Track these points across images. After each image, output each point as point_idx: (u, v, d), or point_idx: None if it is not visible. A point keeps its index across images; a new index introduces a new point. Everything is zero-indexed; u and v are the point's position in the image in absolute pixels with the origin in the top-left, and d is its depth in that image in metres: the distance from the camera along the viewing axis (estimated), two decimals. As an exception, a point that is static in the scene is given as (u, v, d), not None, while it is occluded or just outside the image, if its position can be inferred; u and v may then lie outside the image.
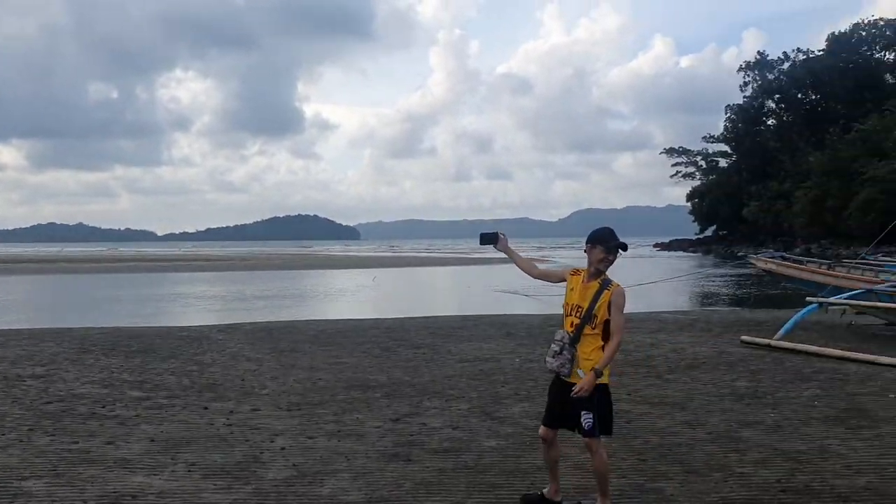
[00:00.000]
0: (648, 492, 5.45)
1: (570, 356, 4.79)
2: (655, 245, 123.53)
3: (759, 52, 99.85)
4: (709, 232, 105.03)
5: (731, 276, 42.15)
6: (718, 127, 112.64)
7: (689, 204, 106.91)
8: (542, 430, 5.08)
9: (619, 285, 4.76)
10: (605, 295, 4.71)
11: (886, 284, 13.00)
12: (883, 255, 24.10)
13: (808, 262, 16.61)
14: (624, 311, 4.78)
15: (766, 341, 12.30)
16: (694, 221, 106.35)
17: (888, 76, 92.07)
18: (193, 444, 6.88)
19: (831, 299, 12.86)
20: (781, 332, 12.49)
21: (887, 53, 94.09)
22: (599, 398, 4.77)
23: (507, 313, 20.25)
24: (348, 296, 32.34)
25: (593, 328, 4.74)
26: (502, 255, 5.37)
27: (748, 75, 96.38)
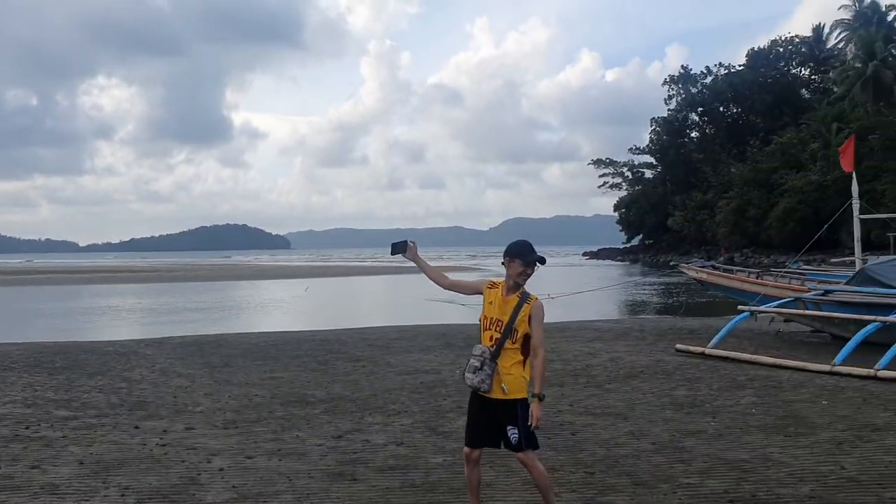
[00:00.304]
0: (599, 506, 5.40)
1: (490, 371, 4.66)
2: (584, 254, 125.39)
3: (682, 66, 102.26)
4: (635, 241, 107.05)
5: (659, 284, 43.00)
6: (643, 139, 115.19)
7: (616, 214, 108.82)
8: (465, 449, 4.97)
9: (537, 298, 4.72)
10: (526, 308, 4.64)
11: (813, 293, 13.37)
12: (804, 265, 24.85)
13: (737, 271, 16.99)
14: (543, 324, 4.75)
15: (701, 349, 12.48)
16: (621, 231, 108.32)
17: (804, 91, 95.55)
18: (126, 466, 6.57)
19: (762, 308, 13.15)
20: (715, 340, 12.70)
21: (803, 69, 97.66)
22: (522, 413, 4.68)
23: (444, 323, 20.17)
24: (280, 307, 31.81)
25: (514, 342, 4.64)
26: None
27: (672, 89, 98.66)
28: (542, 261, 4.72)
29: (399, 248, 5.18)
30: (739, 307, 13.47)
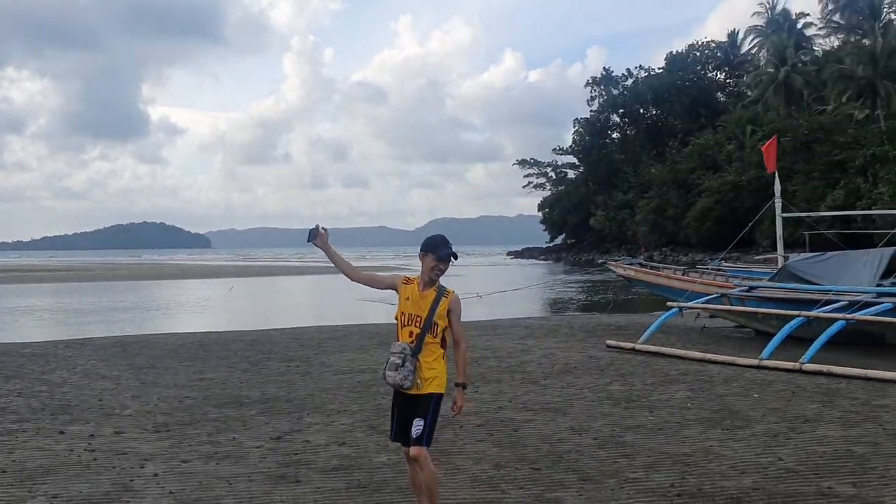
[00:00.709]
0: (548, 502, 5.37)
1: (412, 367, 4.63)
2: (509, 253, 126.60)
3: (604, 68, 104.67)
4: (559, 240, 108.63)
5: (584, 282, 43.67)
6: (565, 139, 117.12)
7: (539, 213, 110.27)
8: (403, 449, 4.87)
9: (453, 292, 4.73)
10: (444, 303, 4.65)
11: (738, 289, 13.72)
12: (724, 262, 25.57)
13: (663, 268, 17.34)
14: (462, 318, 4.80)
15: (631, 345, 12.67)
16: (545, 230, 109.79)
17: (719, 94, 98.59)
18: (53, 473, 6.24)
19: (691, 304, 13.44)
20: (645, 335, 12.91)
21: (718, 73, 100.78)
22: (436, 407, 4.67)
23: (377, 322, 19.98)
24: (205, 307, 31.02)
25: (434, 337, 4.65)
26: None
27: (595, 90, 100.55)
28: (455, 256, 4.70)
29: (312, 234, 4.96)
30: (668, 303, 13.73)
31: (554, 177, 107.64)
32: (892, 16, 78.42)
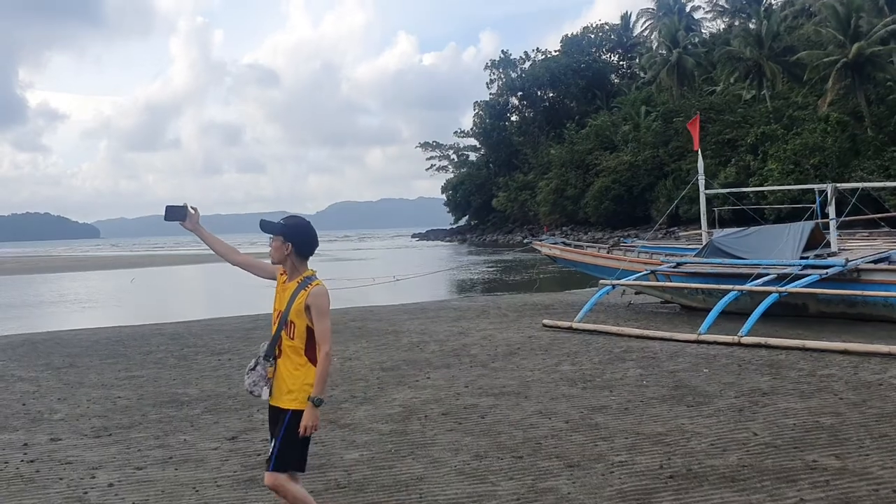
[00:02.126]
0: (544, 492, 5.17)
1: (263, 372, 3.97)
2: (413, 235, 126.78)
3: (502, 51, 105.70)
4: (462, 221, 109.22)
5: (497, 262, 43.92)
6: (462, 122, 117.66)
7: (441, 196, 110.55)
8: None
9: (320, 283, 3.95)
10: (302, 296, 3.91)
11: (666, 265, 13.92)
12: (633, 239, 26.06)
13: (587, 246, 17.47)
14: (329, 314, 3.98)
15: (568, 324, 12.65)
16: (449, 212, 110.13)
17: (613, 76, 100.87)
18: (-8, 491, 5.62)
19: (623, 281, 13.54)
20: (580, 314, 12.92)
21: (612, 56, 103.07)
22: (292, 426, 3.88)
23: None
24: (109, 300, 29.56)
25: (291, 338, 3.94)
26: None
27: (493, 73, 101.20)
28: (264, 226, 4.08)
29: (176, 213, 4.24)
30: (601, 281, 13.79)
31: (456, 159, 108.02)
32: (772, 0, 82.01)
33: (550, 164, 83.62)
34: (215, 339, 13.72)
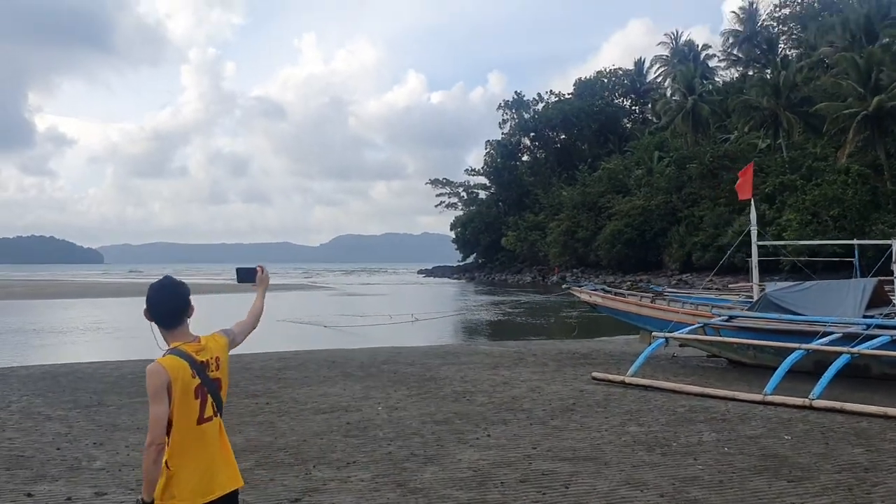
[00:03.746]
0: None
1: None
2: (420, 271, 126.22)
3: (516, 92, 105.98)
4: (470, 259, 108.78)
5: (513, 303, 43.31)
6: (467, 160, 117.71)
7: (448, 232, 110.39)
8: None
9: (159, 360, 3.40)
10: None
11: (718, 319, 13.36)
12: (670, 288, 25.52)
13: (628, 294, 16.91)
14: (169, 395, 3.35)
15: (620, 378, 12.06)
16: (456, 249, 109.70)
17: (626, 121, 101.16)
18: (43, 558, 5.04)
19: (677, 334, 12.95)
20: (634, 368, 12.33)
21: (625, 100, 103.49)
22: None
23: (324, 348, 18.88)
24: (123, 329, 28.90)
25: None
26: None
27: (506, 113, 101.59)
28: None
29: (248, 275, 4.09)
30: (654, 334, 13.21)
31: (465, 197, 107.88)
32: (788, 51, 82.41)
33: (562, 205, 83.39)
34: (246, 379, 13.12)
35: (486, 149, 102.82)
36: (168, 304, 3.49)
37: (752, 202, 15.10)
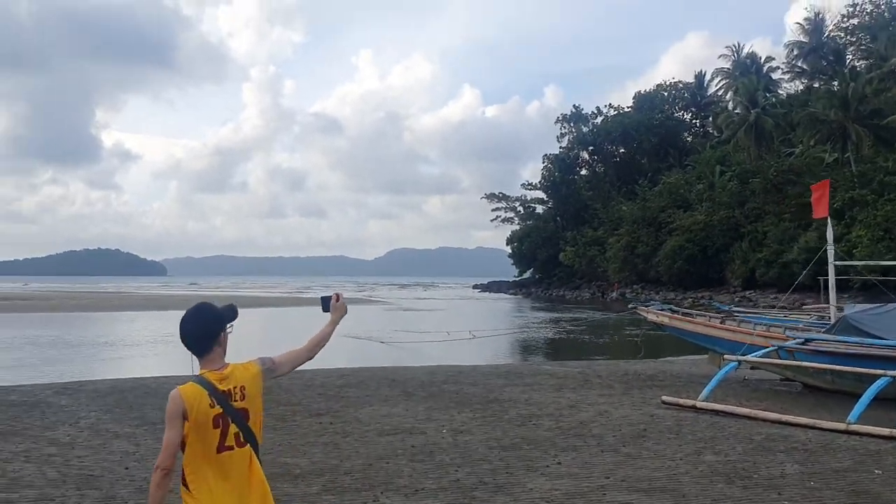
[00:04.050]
0: None
1: None
2: (475, 286, 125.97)
3: (574, 105, 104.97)
4: (527, 274, 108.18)
5: (573, 321, 42.80)
6: (522, 174, 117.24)
7: (502, 246, 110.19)
8: None
9: (181, 386, 3.53)
10: None
11: (793, 342, 12.86)
12: (734, 306, 24.86)
13: (696, 315, 16.45)
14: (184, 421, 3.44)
15: (691, 402, 11.67)
16: (513, 264, 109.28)
17: (686, 134, 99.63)
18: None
19: (751, 358, 12.51)
20: (705, 392, 11.92)
21: (685, 113, 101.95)
22: None
23: (385, 366, 18.80)
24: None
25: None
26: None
27: (564, 127, 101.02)
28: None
29: (328, 304, 4.07)
30: (726, 357, 12.78)
31: (522, 211, 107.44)
32: (856, 62, 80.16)
33: (621, 220, 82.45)
34: (308, 397, 13.10)
35: (543, 163, 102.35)
36: (195, 332, 3.56)
37: (829, 220, 14.55)
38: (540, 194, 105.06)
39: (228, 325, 3.69)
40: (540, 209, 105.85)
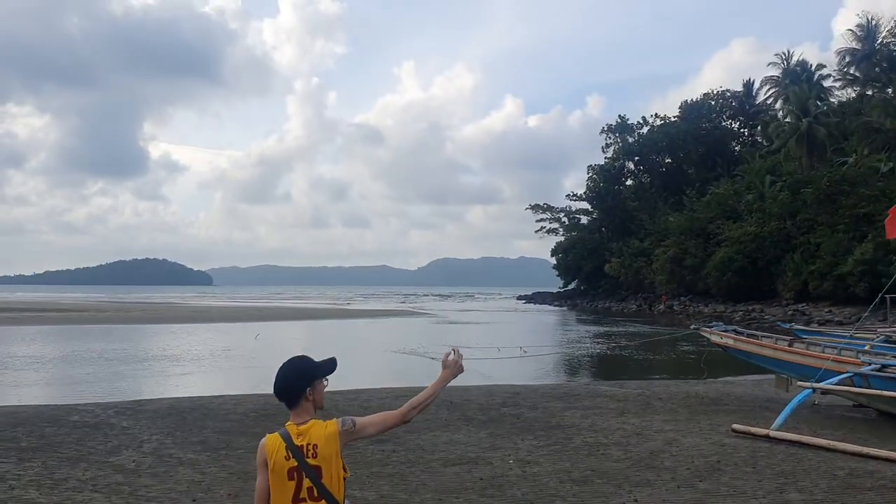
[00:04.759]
0: None
1: None
2: (519, 297, 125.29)
3: (619, 115, 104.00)
4: (572, 285, 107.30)
5: (620, 335, 42.18)
6: (564, 184, 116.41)
7: (541, 256, 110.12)
8: None
9: (266, 435, 3.77)
10: None
11: (869, 367, 12.35)
12: (813, 326, 24.17)
13: (762, 336, 15.94)
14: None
15: (765, 431, 11.24)
16: (558, 275, 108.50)
17: (734, 144, 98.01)
18: None
19: (825, 384, 12.04)
20: (779, 421, 11.49)
21: (733, 122, 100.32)
22: None
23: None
24: (237, 358, 29.45)
25: None
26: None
27: (609, 137, 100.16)
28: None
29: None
30: (800, 383, 12.32)
31: (567, 222, 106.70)
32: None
33: (668, 231, 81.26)
34: (368, 421, 12.92)
35: (588, 173, 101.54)
36: (281, 386, 3.71)
37: (905, 240, 13.99)
38: (585, 205, 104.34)
39: (324, 379, 3.77)
40: (585, 220, 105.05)
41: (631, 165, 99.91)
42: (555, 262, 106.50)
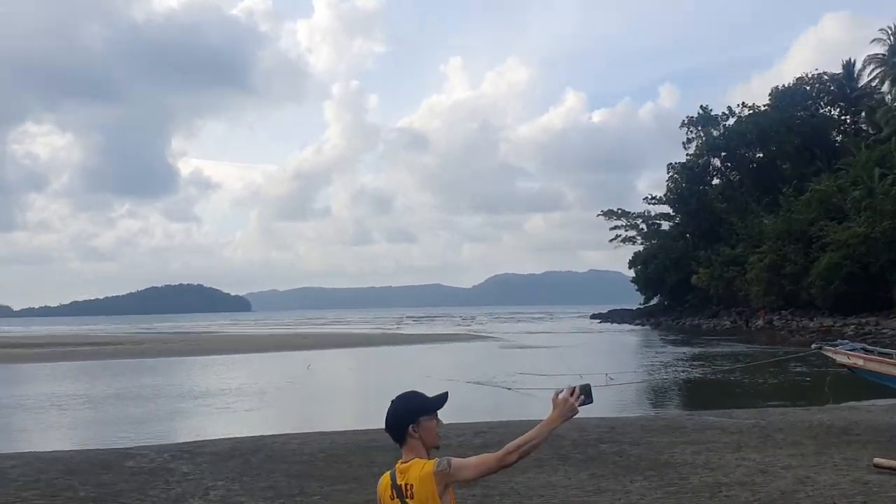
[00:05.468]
0: None
1: None
2: (594, 316, 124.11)
3: (702, 106, 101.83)
4: (654, 301, 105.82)
5: (719, 357, 41.50)
6: (634, 185, 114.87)
7: (614, 268, 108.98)
8: None
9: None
10: None
11: None
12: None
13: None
14: None
15: (912, 467, 10.88)
16: (637, 290, 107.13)
17: (835, 133, 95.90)
18: None
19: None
20: (927, 454, 11.12)
21: (833, 109, 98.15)
22: None
23: (518, 419, 18.47)
24: (289, 391, 29.79)
25: None
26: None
27: (691, 131, 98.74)
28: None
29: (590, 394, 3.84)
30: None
31: (645, 229, 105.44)
32: None
33: (763, 235, 79.73)
34: (451, 462, 12.89)
35: (667, 173, 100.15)
36: (388, 421, 3.88)
37: None
38: (665, 209, 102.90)
39: (434, 416, 3.87)
40: (666, 226, 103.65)
41: (717, 162, 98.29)
42: (633, 275, 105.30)
